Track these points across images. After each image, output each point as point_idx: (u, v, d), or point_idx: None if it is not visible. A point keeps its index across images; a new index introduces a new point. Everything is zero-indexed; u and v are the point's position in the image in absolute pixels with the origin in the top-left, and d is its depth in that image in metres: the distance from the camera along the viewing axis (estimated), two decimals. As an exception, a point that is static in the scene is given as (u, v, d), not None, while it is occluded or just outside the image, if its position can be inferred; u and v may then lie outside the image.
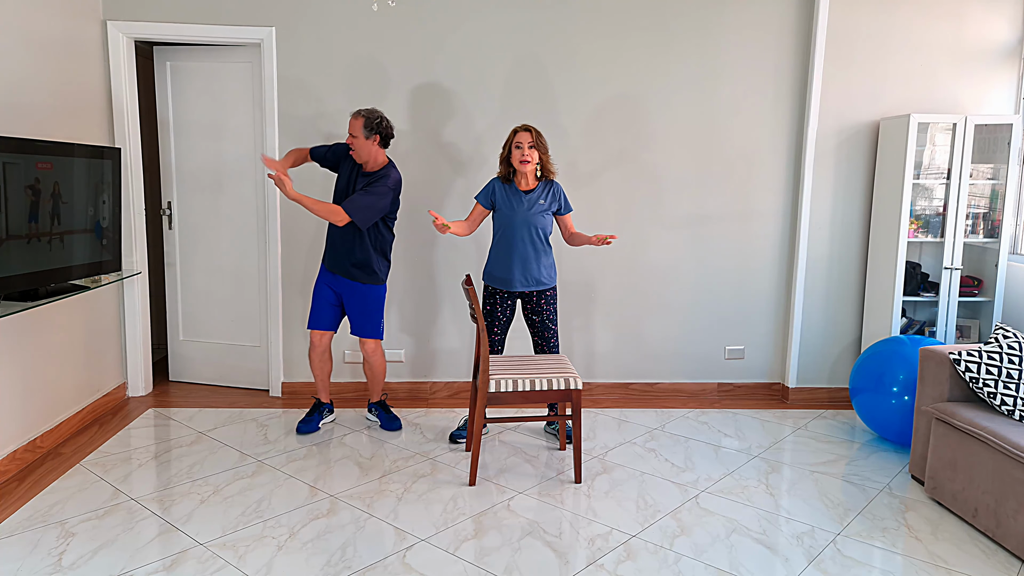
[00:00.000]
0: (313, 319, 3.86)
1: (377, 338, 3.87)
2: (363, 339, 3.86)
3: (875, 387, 3.74)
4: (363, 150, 3.67)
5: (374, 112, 3.67)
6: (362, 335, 3.84)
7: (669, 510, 3.09)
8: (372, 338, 3.86)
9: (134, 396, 4.45)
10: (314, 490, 3.21)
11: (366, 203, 3.61)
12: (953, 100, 4.39)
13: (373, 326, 3.84)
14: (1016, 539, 2.73)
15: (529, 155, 3.57)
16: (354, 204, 3.59)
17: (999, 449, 2.81)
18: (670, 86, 4.37)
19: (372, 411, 4.06)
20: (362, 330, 3.84)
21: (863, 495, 3.27)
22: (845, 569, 2.66)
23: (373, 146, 3.68)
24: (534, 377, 3.28)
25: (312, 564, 2.61)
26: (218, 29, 4.18)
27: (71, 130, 3.79)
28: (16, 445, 3.38)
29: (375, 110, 3.69)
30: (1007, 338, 3.15)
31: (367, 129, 3.64)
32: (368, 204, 3.61)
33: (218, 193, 4.50)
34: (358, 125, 3.64)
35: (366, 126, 3.63)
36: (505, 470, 3.47)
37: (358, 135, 3.64)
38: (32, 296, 3.19)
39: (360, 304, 3.81)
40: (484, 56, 4.29)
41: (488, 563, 2.64)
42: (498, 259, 3.68)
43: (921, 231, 4.24)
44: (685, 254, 4.51)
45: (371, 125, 3.64)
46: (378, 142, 3.69)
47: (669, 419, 4.22)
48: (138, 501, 3.07)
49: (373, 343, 3.88)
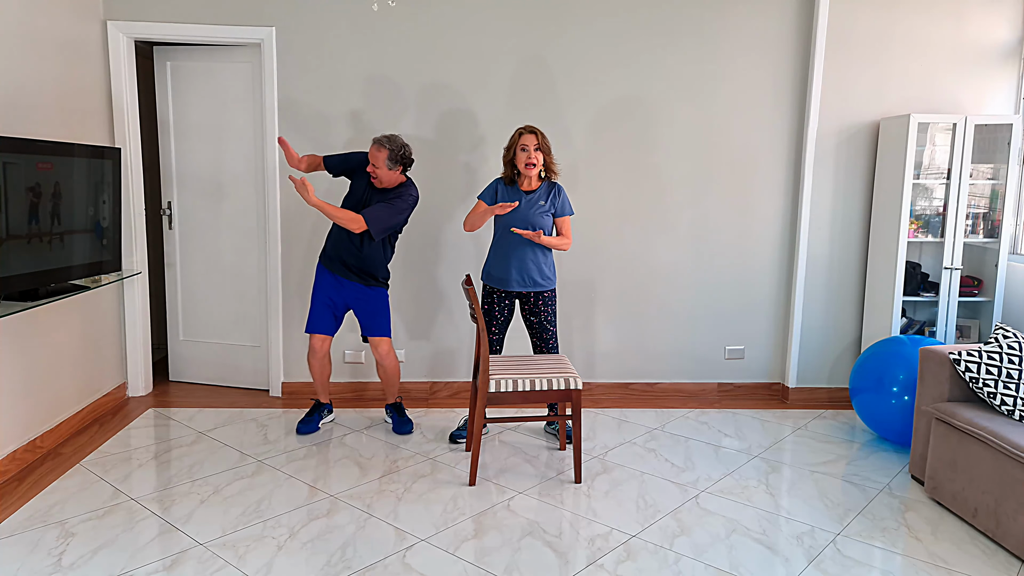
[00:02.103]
0: (312, 323, 3.83)
1: (388, 336, 3.87)
2: (376, 341, 3.85)
3: (875, 387, 3.74)
4: (385, 179, 3.64)
5: (395, 141, 3.60)
6: (374, 334, 3.83)
7: (669, 510, 3.09)
8: (384, 336, 3.85)
9: (134, 396, 4.45)
10: (314, 490, 3.21)
11: (385, 215, 3.60)
12: (953, 100, 4.39)
13: (385, 325, 3.84)
14: (1016, 539, 2.73)
15: (535, 158, 3.55)
16: (374, 215, 3.57)
17: (999, 449, 2.81)
18: (670, 86, 4.37)
19: (388, 412, 4.06)
20: (373, 329, 3.83)
21: (863, 495, 3.27)
22: (845, 569, 2.66)
23: (395, 174, 3.66)
24: (534, 377, 3.28)
25: (312, 564, 2.61)
26: (218, 29, 4.18)
27: (71, 130, 3.79)
28: (16, 445, 3.38)
29: (396, 138, 3.61)
30: (1007, 338, 3.15)
31: (391, 161, 3.60)
32: (387, 217, 3.60)
33: (218, 193, 4.50)
34: (382, 158, 3.58)
35: (391, 159, 3.59)
36: (505, 470, 3.47)
37: (381, 167, 3.60)
38: (32, 296, 3.19)
39: (371, 306, 3.81)
40: (485, 56, 4.29)
41: (488, 563, 2.64)
42: (496, 259, 3.68)
43: (921, 231, 4.24)
44: (685, 254, 4.51)
45: (395, 157, 3.60)
46: (401, 171, 3.68)
47: (669, 419, 4.22)
48: (138, 501, 3.07)
49: (386, 345, 3.86)
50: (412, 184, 3.75)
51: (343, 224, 3.54)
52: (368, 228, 3.57)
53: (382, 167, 3.60)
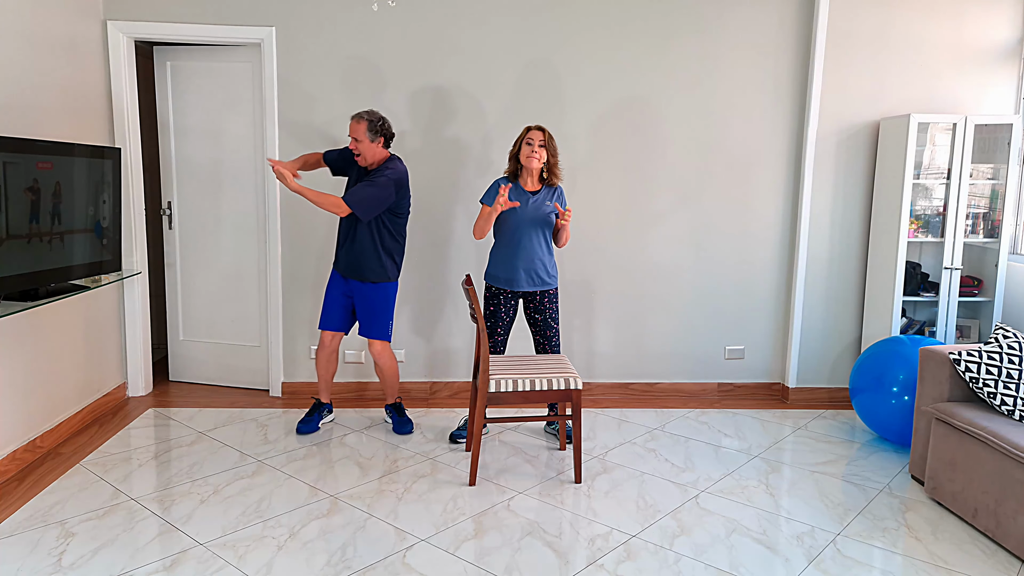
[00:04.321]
0: (324, 319, 3.86)
1: (384, 339, 3.85)
2: (370, 340, 3.85)
3: (875, 387, 3.74)
4: (368, 153, 3.64)
5: (374, 113, 3.63)
6: (368, 335, 3.83)
7: (669, 510, 3.09)
8: (378, 339, 3.83)
9: (134, 396, 4.45)
10: (314, 490, 3.21)
11: (367, 194, 3.56)
12: (953, 100, 4.39)
13: (380, 327, 3.81)
14: (1016, 539, 2.73)
15: (539, 152, 3.58)
16: (355, 195, 3.55)
17: (999, 449, 2.81)
18: (670, 86, 4.37)
19: (388, 412, 4.06)
20: (368, 330, 3.82)
21: (863, 495, 3.27)
22: (845, 569, 2.66)
23: (378, 148, 3.66)
24: (534, 377, 3.28)
25: (312, 564, 2.61)
26: (218, 29, 4.18)
27: (71, 130, 3.79)
28: (16, 445, 3.38)
29: (375, 111, 3.65)
30: (1007, 338, 3.15)
31: (371, 132, 3.60)
32: (369, 195, 3.56)
33: (218, 193, 4.50)
34: (361, 129, 3.59)
35: (370, 129, 3.60)
36: (505, 470, 3.47)
37: (362, 139, 3.60)
38: (32, 296, 3.19)
39: (369, 304, 3.79)
40: (485, 56, 4.29)
41: (488, 563, 2.64)
42: (502, 259, 3.68)
43: (921, 231, 4.24)
44: (686, 254, 4.51)
45: (375, 128, 3.61)
46: (382, 143, 3.68)
47: (669, 419, 4.22)
48: (138, 501, 3.07)
49: (380, 344, 3.85)
50: (397, 158, 3.73)
51: (327, 208, 3.51)
52: (352, 210, 3.54)
53: (364, 139, 3.60)
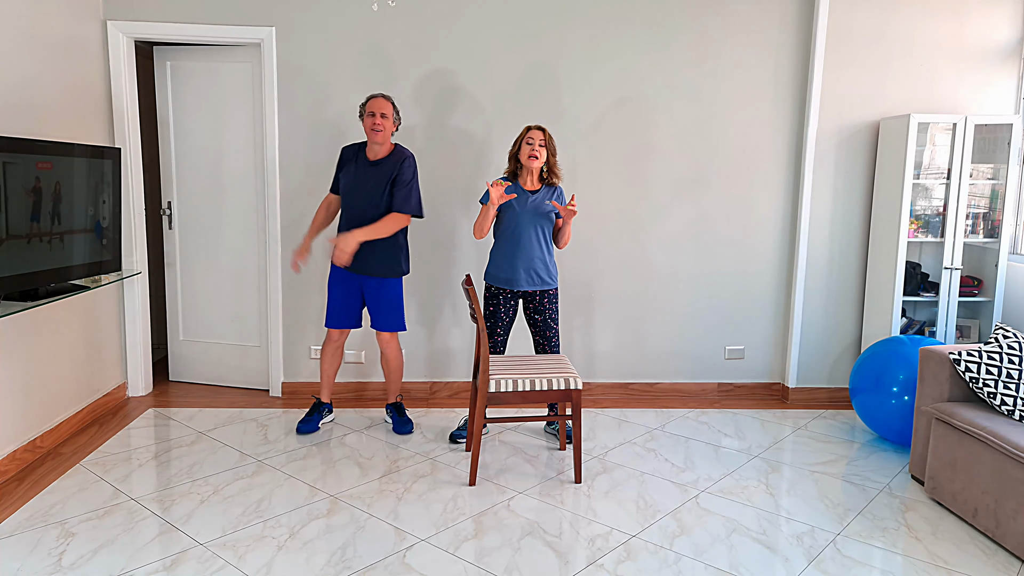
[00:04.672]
0: (331, 318, 3.86)
1: (402, 331, 3.89)
2: (379, 332, 3.85)
3: (875, 387, 3.74)
4: (387, 132, 3.70)
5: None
6: (386, 329, 3.83)
7: (669, 510, 3.09)
8: (397, 331, 3.86)
9: (134, 396, 4.45)
10: (314, 490, 3.21)
11: (412, 196, 3.72)
12: (953, 100, 4.39)
13: (397, 319, 3.85)
14: (1016, 539, 2.73)
15: (539, 152, 3.59)
16: (403, 203, 3.67)
17: (999, 449, 2.81)
18: (670, 86, 4.37)
19: (388, 412, 4.06)
20: (386, 324, 3.83)
21: (863, 495, 3.27)
22: (845, 569, 2.66)
23: (390, 132, 3.74)
24: (534, 377, 3.28)
25: (312, 564, 2.61)
26: (218, 29, 4.18)
27: (71, 130, 3.79)
28: (16, 445, 3.38)
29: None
30: (1007, 338, 3.15)
31: (396, 114, 3.73)
32: (414, 195, 3.73)
33: (218, 193, 4.50)
34: (389, 107, 3.69)
35: (395, 111, 3.72)
36: (505, 470, 3.47)
37: (389, 115, 3.69)
38: (32, 296, 3.19)
39: (385, 299, 3.80)
40: (487, 56, 4.29)
41: (488, 563, 2.64)
42: (503, 259, 3.68)
43: (921, 231, 4.24)
44: (686, 254, 4.51)
45: (397, 111, 3.74)
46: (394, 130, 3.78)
47: (669, 419, 4.22)
48: (138, 501, 3.07)
49: (386, 336, 3.87)
50: (403, 147, 3.80)
51: (392, 231, 3.64)
52: (411, 215, 3.70)
53: (390, 115, 3.69)
